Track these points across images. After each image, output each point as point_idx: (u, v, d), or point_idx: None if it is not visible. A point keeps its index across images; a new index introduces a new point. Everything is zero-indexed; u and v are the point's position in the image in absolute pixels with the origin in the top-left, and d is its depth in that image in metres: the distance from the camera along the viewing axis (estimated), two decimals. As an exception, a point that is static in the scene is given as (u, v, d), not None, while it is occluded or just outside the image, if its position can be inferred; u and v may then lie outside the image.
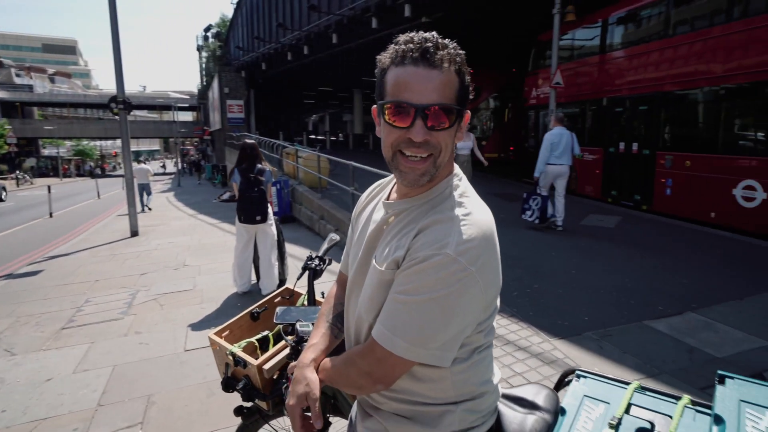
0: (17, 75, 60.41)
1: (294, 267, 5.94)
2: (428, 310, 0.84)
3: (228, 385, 1.68)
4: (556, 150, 6.76)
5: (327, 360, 1.07)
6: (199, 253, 7.28)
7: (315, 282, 1.89)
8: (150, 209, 13.94)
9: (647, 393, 1.21)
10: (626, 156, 9.07)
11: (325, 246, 1.88)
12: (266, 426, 1.93)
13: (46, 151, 57.05)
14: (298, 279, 1.82)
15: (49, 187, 14.64)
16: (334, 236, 1.93)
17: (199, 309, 4.65)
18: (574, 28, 10.52)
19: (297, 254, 6.73)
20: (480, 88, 17.39)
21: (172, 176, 35.30)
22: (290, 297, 2.07)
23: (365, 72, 24.78)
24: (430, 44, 0.85)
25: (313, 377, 1.04)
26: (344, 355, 1.03)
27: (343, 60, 19.13)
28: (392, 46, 0.89)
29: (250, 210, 4.83)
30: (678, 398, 1.18)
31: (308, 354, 1.11)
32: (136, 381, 3.23)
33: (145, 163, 16.67)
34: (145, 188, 14.01)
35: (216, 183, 23.39)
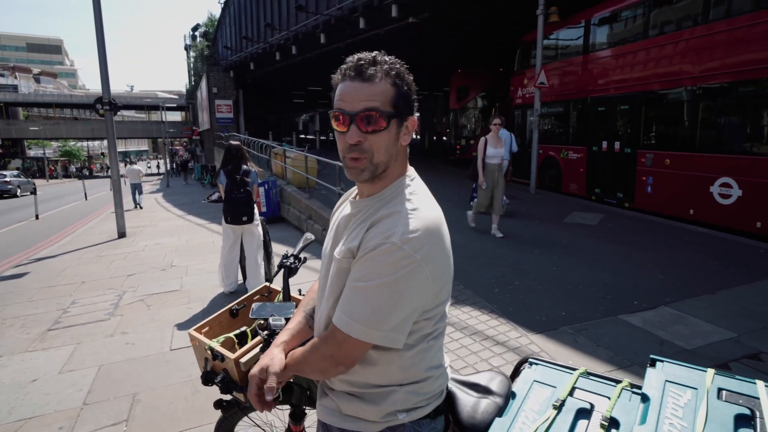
0: (1, 75, 59.51)
1: (281, 267, 6.00)
2: (379, 295, 0.95)
3: (207, 378, 1.75)
4: None
5: (295, 350, 1.16)
6: (186, 253, 7.30)
7: (291, 279, 1.97)
8: (141, 207, 14.65)
9: (592, 378, 1.32)
10: (609, 154, 9.24)
11: (300, 245, 1.96)
12: (245, 419, 2.00)
13: (31, 152, 56.30)
14: (274, 276, 1.89)
15: (35, 189, 14.50)
16: (309, 236, 2.01)
17: (186, 309, 4.69)
18: (558, 28, 10.67)
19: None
20: (467, 88, 17.53)
21: (161, 177, 35.06)
22: (268, 294, 2.14)
23: (354, 71, 24.84)
24: (363, 62, 0.99)
25: (279, 355, 1.15)
26: (309, 343, 1.12)
27: (332, 60, 19.11)
28: (341, 66, 1.03)
29: (236, 211, 4.88)
30: (619, 382, 1.28)
31: (282, 336, 1.23)
32: (122, 380, 3.28)
33: (136, 163, 17.31)
34: (137, 187, 15.07)
35: (205, 183, 23.30)
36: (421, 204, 1.02)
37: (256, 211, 5.07)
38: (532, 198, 9.92)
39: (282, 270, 1.86)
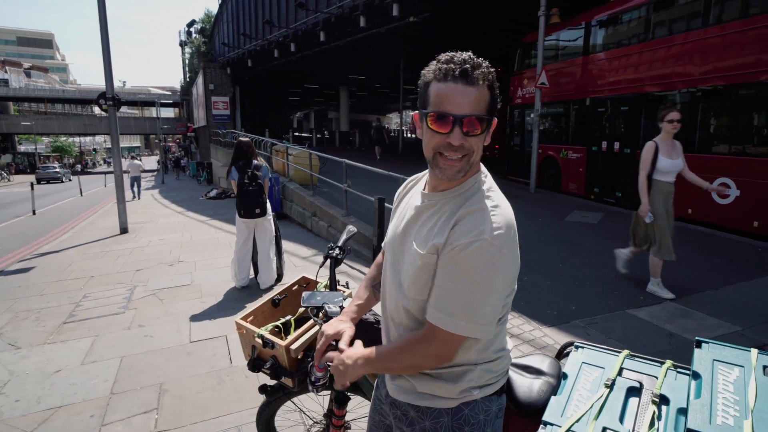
0: (-9, 69, 58.70)
1: (289, 262, 6.07)
2: (475, 291, 1.01)
3: (255, 365, 1.82)
4: None
5: (371, 351, 1.17)
6: (192, 249, 7.34)
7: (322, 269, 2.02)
8: (139, 198, 16.65)
9: (636, 359, 1.42)
10: (608, 155, 9.38)
11: (344, 237, 2.02)
12: (288, 403, 2.08)
13: (22, 148, 55.68)
14: (321, 267, 1.95)
15: (32, 184, 14.41)
16: (352, 228, 2.07)
17: (200, 303, 4.74)
18: (559, 29, 10.81)
19: (291, 250, 6.84)
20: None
21: (154, 173, 34.85)
22: (307, 285, 2.21)
23: (352, 70, 24.85)
24: (468, 65, 1.01)
25: (341, 325, 1.32)
26: (399, 345, 1.14)
27: (331, 58, 19.15)
28: (434, 63, 1.06)
29: (249, 204, 4.93)
30: (662, 362, 1.39)
31: (352, 306, 1.40)
32: (146, 371, 3.33)
33: (137, 158, 18.57)
34: (136, 180, 17.13)
35: (201, 180, 23.21)
36: (500, 201, 1.09)
37: (268, 205, 5.13)
38: (532, 197, 10.06)
39: (328, 260, 1.92)
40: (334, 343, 1.28)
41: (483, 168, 1.17)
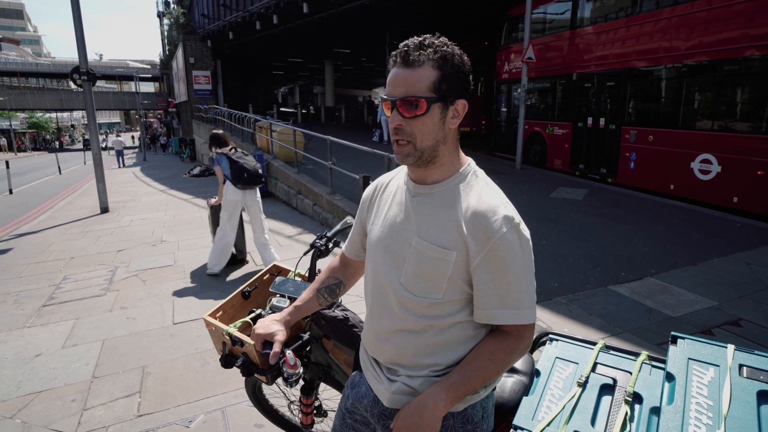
0: (-41, 41, 56.04)
1: (274, 242, 6.01)
2: (526, 275, 1.02)
3: (227, 362, 1.74)
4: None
5: (449, 384, 1.02)
6: (175, 229, 7.23)
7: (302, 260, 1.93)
8: (124, 166, 20.94)
9: (611, 352, 1.36)
10: (593, 130, 9.39)
11: (337, 227, 1.91)
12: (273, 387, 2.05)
13: (-4, 124, 53.68)
14: (304, 254, 1.88)
15: (7, 162, 13.97)
16: (350, 220, 1.95)
17: (183, 284, 4.69)
18: (547, 2, 10.63)
19: (276, 229, 6.79)
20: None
21: (135, 150, 34.06)
22: (277, 274, 2.11)
23: (337, 43, 24.25)
24: (409, 47, 0.99)
25: (273, 326, 1.36)
26: (487, 359, 1.03)
27: (315, 30, 18.65)
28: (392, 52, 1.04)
29: (252, 168, 4.69)
30: (637, 355, 1.32)
31: (290, 308, 1.41)
32: (128, 354, 3.30)
33: (119, 135, 20.76)
34: (120, 153, 22.18)
35: (184, 158, 22.74)
36: (494, 185, 1.09)
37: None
38: (518, 173, 10.07)
39: (312, 251, 1.84)
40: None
41: (470, 160, 1.13)
